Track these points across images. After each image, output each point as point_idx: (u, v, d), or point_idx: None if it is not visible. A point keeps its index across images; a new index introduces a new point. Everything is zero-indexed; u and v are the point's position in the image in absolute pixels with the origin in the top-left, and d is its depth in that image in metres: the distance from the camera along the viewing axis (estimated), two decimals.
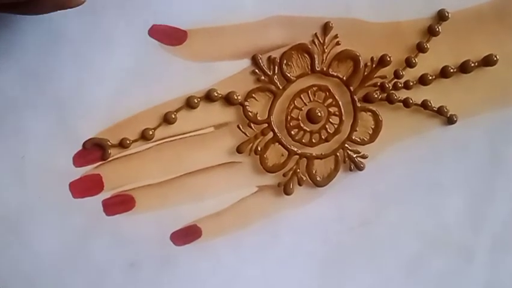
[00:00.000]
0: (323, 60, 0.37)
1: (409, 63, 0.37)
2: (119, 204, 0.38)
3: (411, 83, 0.37)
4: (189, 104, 0.36)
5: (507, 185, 0.39)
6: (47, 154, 0.37)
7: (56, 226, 0.38)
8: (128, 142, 0.37)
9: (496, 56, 0.37)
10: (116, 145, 0.37)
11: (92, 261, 0.38)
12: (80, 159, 0.37)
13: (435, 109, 0.38)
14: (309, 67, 0.37)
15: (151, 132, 0.37)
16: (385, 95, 0.37)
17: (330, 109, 0.37)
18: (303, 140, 0.38)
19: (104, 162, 0.37)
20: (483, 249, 0.40)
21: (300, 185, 0.38)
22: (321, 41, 0.36)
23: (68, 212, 0.37)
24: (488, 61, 0.37)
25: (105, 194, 0.38)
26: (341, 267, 0.40)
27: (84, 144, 0.37)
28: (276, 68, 0.37)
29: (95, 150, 0.37)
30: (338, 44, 0.37)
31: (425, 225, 0.40)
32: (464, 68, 0.37)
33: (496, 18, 0.37)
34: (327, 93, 0.37)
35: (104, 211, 0.38)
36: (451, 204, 0.39)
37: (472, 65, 0.37)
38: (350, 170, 0.38)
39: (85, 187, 0.37)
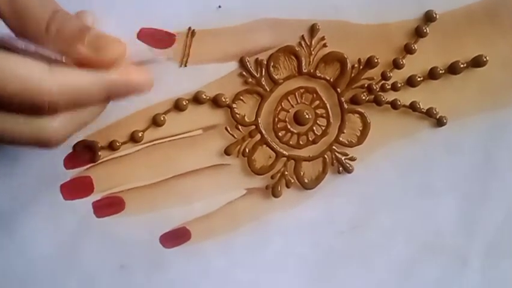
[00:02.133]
0: (310, 62, 0.36)
1: (397, 65, 0.36)
2: (109, 206, 0.38)
3: (399, 85, 0.36)
4: (177, 106, 0.36)
5: (500, 188, 0.38)
6: (38, 156, 0.37)
7: (47, 228, 0.38)
8: (117, 144, 0.37)
9: (485, 57, 0.36)
10: (106, 147, 0.37)
11: (83, 262, 0.38)
12: (70, 161, 0.37)
13: (424, 111, 0.37)
14: (296, 69, 0.36)
15: (140, 135, 0.37)
16: (373, 96, 0.37)
17: (317, 111, 0.37)
18: (291, 142, 0.37)
19: (94, 164, 0.37)
20: (476, 253, 0.39)
21: (288, 187, 0.38)
22: (308, 43, 0.36)
23: (58, 214, 0.37)
24: (477, 62, 0.36)
25: (95, 196, 0.38)
26: (331, 270, 0.39)
27: (74, 147, 0.37)
28: (264, 70, 0.36)
29: (85, 152, 0.37)
30: (325, 46, 0.36)
31: (416, 229, 0.39)
32: (453, 69, 0.36)
33: (486, 18, 0.36)
34: (315, 95, 0.37)
35: (95, 213, 0.38)
36: (442, 207, 0.38)
37: (461, 66, 0.36)
38: (339, 172, 0.38)
39: (75, 189, 0.37)
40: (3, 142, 0.28)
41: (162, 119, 0.36)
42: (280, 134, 0.37)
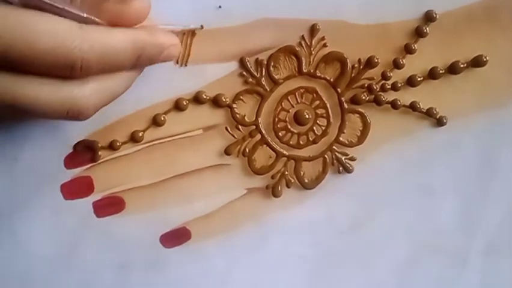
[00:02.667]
0: (310, 62, 0.36)
1: (397, 65, 0.36)
2: (110, 206, 0.37)
3: (399, 85, 0.36)
4: (178, 106, 0.36)
5: (499, 187, 0.38)
6: (39, 156, 0.36)
7: (47, 227, 0.37)
8: (118, 144, 0.36)
9: (485, 57, 0.36)
10: (106, 147, 0.37)
11: (83, 262, 0.38)
12: (71, 161, 0.37)
13: (424, 111, 0.37)
14: (297, 69, 0.36)
15: (140, 134, 0.36)
16: (373, 96, 0.36)
17: (317, 111, 0.37)
18: (291, 142, 0.37)
19: (94, 164, 0.37)
20: (476, 253, 0.39)
21: (288, 187, 0.37)
22: (309, 43, 0.36)
23: (59, 213, 0.37)
24: (477, 62, 0.36)
25: (95, 196, 0.37)
26: (331, 271, 0.39)
27: (75, 147, 0.36)
28: (264, 70, 0.36)
29: (85, 152, 0.37)
30: (325, 45, 0.36)
31: (416, 228, 0.38)
32: (453, 69, 0.36)
33: (486, 18, 0.36)
34: (315, 95, 0.36)
35: (95, 213, 0.37)
36: (442, 207, 0.38)
37: (462, 66, 0.36)
38: (339, 172, 0.38)
39: (75, 189, 0.37)
40: (34, 113, 0.27)
41: (162, 119, 0.36)
42: (280, 134, 0.37)
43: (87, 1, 0.27)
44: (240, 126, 0.37)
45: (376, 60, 0.36)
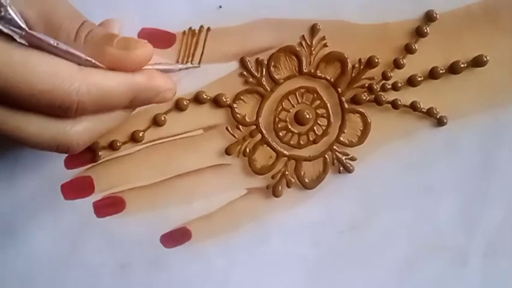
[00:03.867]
0: (310, 62, 0.36)
1: (397, 65, 0.35)
2: (110, 206, 0.37)
3: (400, 84, 0.36)
4: (178, 106, 0.36)
5: (499, 187, 0.37)
6: (39, 156, 0.36)
7: (48, 227, 0.37)
8: (118, 144, 0.36)
9: (486, 57, 0.35)
10: (107, 147, 0.36)
11: (84, 262, 0.38)
12: (71, 161, 0.36)
13: (425, 110, 0.36)
14: (297, 69, 0.36)
15: (140, 134, 0.36)
16: (373, 96, 0.36)
17: (318, 111, 0.36)
18: (291, 142, 0.37)
19: (95, 164, 0.37)
20: (476, 252, 0.38)
21: (288, 187, 0.37)
22: (309, 43, 0.35)
23: (60, 213, 0.37)
24: (478, 62, 0.36)
25: (96, 196, 0.37)
26: (331, 271, 0.38)
27: None
28: (264, 70, 0.36)
29: (85, 152, 0.36)
30: (325, 45, 0.35)
31: (416, 228, 0.38)
32: (453, 68, 0.36)
33: (486, 18, 0.35)
34: (315, 95, 0.36)
35: (95, 213, 0.37)
36: (442, 207, 0.38)
37: (462, 65, 0.36)
38: (339, 172, 0.37)
39: (76, 189, 0.37)
40: (26, 144, 0.28)
41: (163, 118, 0.36)
42: (280, 133, 0.36)
43: (90, 42, 0.27)
44: (240, 126, 0.36)
45: (376, 60, 0.35)
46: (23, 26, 0.26)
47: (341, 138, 0.37)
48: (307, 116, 0.36)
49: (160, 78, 0.30)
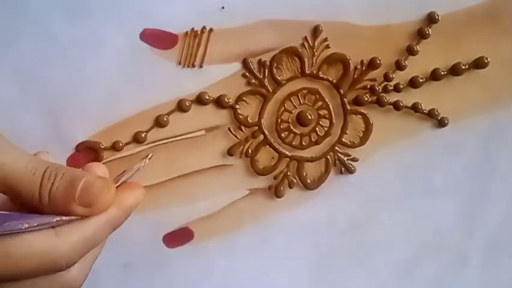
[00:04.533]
0: (312, 63, 0.35)
1: (399, 66, 0.35)
2: None
3: (402, 86, 0.36)
4: (181, 107, 0.35)
5: (500, 188, 0.37)
6: None
7: None
8: (120, 145, 0.36)
9: (487, 58, 0.35)
10: (109, 148, 0.36)
11: None
12: (73, 162, 0.36)
13: (426, 112, 0.36)
14: (299, 70, 0.36)
15: (143, 135, 0.36)
16: (375, 97, 0.36)
17: (320, 112, 0.36)
18: (294, 143, 0.36)
19: None
20: (476, 252, 0.38)
21: (290, 187, 0.37)
22: (311, 44, 0.35)
23: None
24: (479, 63, 0.35)
25: None
26: (332, 270, 0.38)
27: (77, 147, 0.36)
28: (267, 71, 0.35)
29: (88, 153, 0.36)
30: (327, 47, 0.35)
31: (417, 228, 0.38)
32: (455, 70, 0.36)
33: (487, 20, 0.35)
34: (317, 96, 0.36)
35: None
36: (443, 207, 0.38)
37: (463, 67, 0.35)
38: (341, 173, 0.37)
39: None
40: None
41: (165, 119, 0.36)
42: (283, 134, 0.36)
43: (53, 202, 0.27)
44: (242, 127, 0.36)
45: (378, 62, 0.35)
46: None
47: (343, 139, 0.37)
48: (310, 117, 0.36)
49: (129, 197, 0.30)
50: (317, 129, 0.36)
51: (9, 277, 0.27)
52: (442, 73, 0.36)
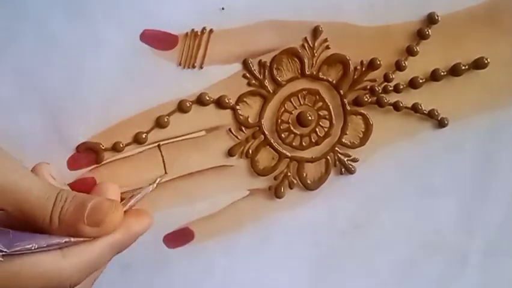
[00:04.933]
0: (312, 64, 0.35)
1: (399, 67, 0.35)
2: None
3: (402, 86, 0.35)
4: (181, 108, 0.35)
5: (500, 188, 0.37)
6: (42, 158, 0.35)
7: None
8: (121, 146, 0.36)
9: (487, 59, 0.35)
10: (110, 149, 0.36)
11: None
12: (74, 162, 0.36)
13: (426, 112, 0.36)
14: (299, 71, 0.35)
15: (144, 136, 0.36)
16: (375, 98, 0.36)
17: (320, 112, 0.36)
18: (294, 143, 0.36)
19: (98, 165, 0.36)
20: (476, 252, 0.38)
21: (291, 188, 0.37)
22: (311, 45, 0.35)
23: None
24: (479, 64, 0.35)
25: None
26: (332, 271, 0.38)
27: (77, 148, 0.35)
28: (267, 72, 0.35)
29: (88, 153, 0.36)
30: (327, 47, 0.35)
31: (417, 228, 0.38)
32: (455, 71, 0.35)
33: (487, 20, 0.35)
34: (317, 97, 0.36)
35: None
36: (443, 207, 0.38)
37: (463, 67, 0.35)
38: (341, 173, 0.37)
39: (79, 190, 0.36)
40: None
41: (166, 120, 0.35)
42: (283, 135, 0.36)
43: (63, 223, 0.28)
44: (243, 128, 0.36)
45: (378, 62, 0.35)
46: (2, 248, 0.26)
47: (343, 140, 0.36)
48: (310, 118, 0.36)
49: (137, 223, 0.31)
50: (317, 129, 0.36)
51: None
52: (442, 73, 0.35)
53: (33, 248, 0.27)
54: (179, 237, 0.37)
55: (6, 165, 0.29)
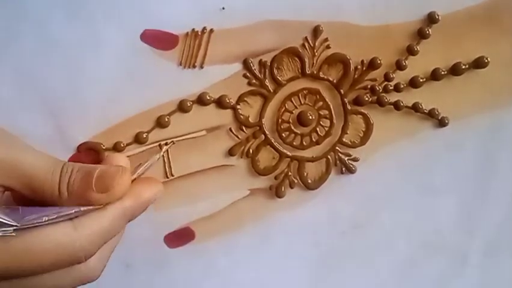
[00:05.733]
0: (313, 63, 0.35)
1: (399, 66, 0.35)
2: None
3: (402, 86, 0.35)
4: (182, 107, 0.35)
5: (500, 187, 0.37)
6: None
7: None
8: (122, 146, 0.35)
9: (487, 58, 0.35)
10: (110, 149, 0.35)
11: None
12: (75, 162, 0.35)
13: (427, 111, 0.36)
14: (300, 70, 0.35)
15: (144, 136, 0.35)
16: (375, 97, 0.35)
17: (320, 112, 0.35)
18: (294, 143, 0.36)
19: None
20: (476, 252, 0.38)
21: (291, 187, 0.36)
22: (312, 45, 0.34)
23: None
24: (479, 63, 0.35)
25: None
26: (333, 270, 0.38)
27: (78, 148, 0.35)
28: (267, 71, 0.35)
29: (89, 153, 0.35)
30: (328, 47, 0.34)
31: (417, 228, 0.38)
32: (455, 70, 0.35)
33: (487, 20, 0.34)
34: (318, 96, 0.35)
35: None
36: (443, 207, 0.37)
37: (463, 67, 0.35)
38: (342, 172, 0.36)
39: None
40: None
41: (166, 120, 0.35)
42: (284, 134, 0.36)
43: (72, 193, 0.28)
44: (243, 127, 0.35)
45: (379, 62, 0.35)
46: (13, 223, 0.26)
47: (344, 139, 0.36)
48: (310, 117, 0.35)
49: (146, 190, 0.31)
50: (318, 129, 0.36)
51: (29, 271, 0.27)
52: (442, 73, 0.35)
53: (44, 220, 0.26)
54: (180, 237, 0.37)
55: (8, 142, 0.28)
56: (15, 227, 0.26)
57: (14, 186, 0.28)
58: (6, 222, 0.26)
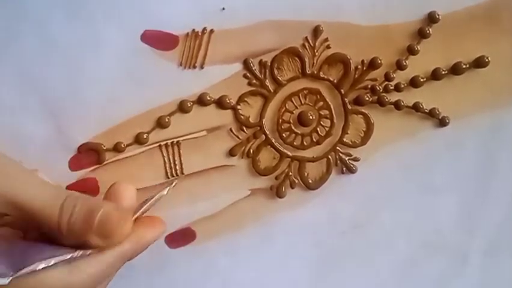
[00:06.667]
0: (313, 63, 0.34)
1: (400, 66, 0.34)
2: None
3: (403, 85, 0.34)
4: (182, 108, 0.34)
5: (500, 187, 0.36)
6: (44, 158, 0.34)
7: None
8: (122, 146, 0.35)
9: (487, 58, 0.34)
10: (111, 149, 0.35)
11: None
12: (75, 163, 0.35)
13: (427, 111, 0.35)
14: (300, 70, 0.34)
15: (145, 136, 0.35)
16: (376, 97, 0.35)
17: (321, 112, 0.35)
18: (295, 143, 0.35)
19: (99, 166, 0.35)
20: (477, 251, 0.37)
21: (292, 187, 0.36)
22: (312, 45, 0.34)
23: None
24: (479, 63, 0.34)
25: (101, 197, 0.35)
26: (333, 270, 0.37)
27: (79, 149, 0.34)
28: (267, 71, 0.34)
29: (90, 154, 0.35)
30: (328, 47, 0.34)
31: (418, 228, 0.37)
32: (455, 69, 0.34)
33: (487, 19, 0.34)
34: (318, 96, 0.35)
35: None
36: (444, 206, 0.37)
37: (464, 66, 0.34)
38: (342, 172, 0.36)
39: (81, 190, 0.35)
40: None
41: (167, 120, 0.34)
42: (284, 135, 0.35)
43: (72, 231, 0.27)
44: (244, 128, 0.35)
45: (379, 62, 0.34)
46: (8, 272, 0.26)
47: (344, 139, 0.35)
48: (311, 117, 0.35)
49: (148, 233, 0.30)
50: (318, 129, 0.35)
51: None
52: (443, 72, 0.34)
53: (38, 269, 0.26)
54: (180, 237, 0.36)
55: (8, 173, 0.28)
56: (10, 276, 0.25)
57: (14, 216, 0.28)
58: (3, 273, 0.25)
